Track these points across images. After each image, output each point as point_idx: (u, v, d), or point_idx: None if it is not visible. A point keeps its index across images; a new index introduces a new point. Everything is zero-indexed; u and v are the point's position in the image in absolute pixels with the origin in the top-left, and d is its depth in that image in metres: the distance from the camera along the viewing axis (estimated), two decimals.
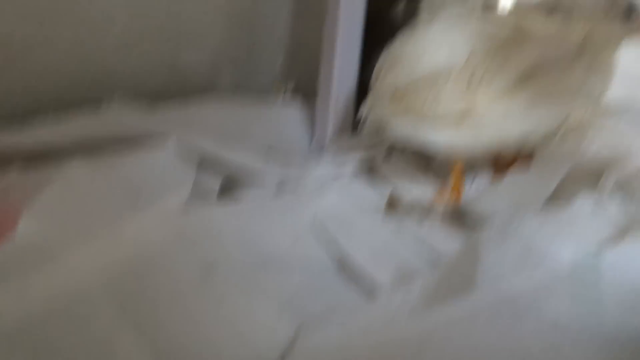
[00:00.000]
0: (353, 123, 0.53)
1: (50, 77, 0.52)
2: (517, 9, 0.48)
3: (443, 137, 0.43)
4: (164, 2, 0.55)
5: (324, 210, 0.44)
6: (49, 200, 0.35)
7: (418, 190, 0.49)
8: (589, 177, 0.50)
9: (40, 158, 0.44)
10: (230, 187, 0.45)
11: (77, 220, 0.35)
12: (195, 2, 0.57)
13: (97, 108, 0.50)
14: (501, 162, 0.52)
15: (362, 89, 0.52)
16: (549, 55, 0.45)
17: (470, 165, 0.51)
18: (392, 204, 0.48)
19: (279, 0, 0.60)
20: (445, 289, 0.36)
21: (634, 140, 0.47)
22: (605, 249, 0.39)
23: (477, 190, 0.50)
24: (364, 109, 0.47)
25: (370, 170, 0.52)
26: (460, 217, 0.47)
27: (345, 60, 0.51)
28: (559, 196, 0.49)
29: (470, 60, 0.44)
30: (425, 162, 0.53)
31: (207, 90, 0.58)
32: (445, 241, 0.43)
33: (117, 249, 0.34)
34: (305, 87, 0.57)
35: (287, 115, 0.54)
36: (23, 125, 0.47)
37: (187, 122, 0.48)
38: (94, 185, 0.37)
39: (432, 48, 0.45)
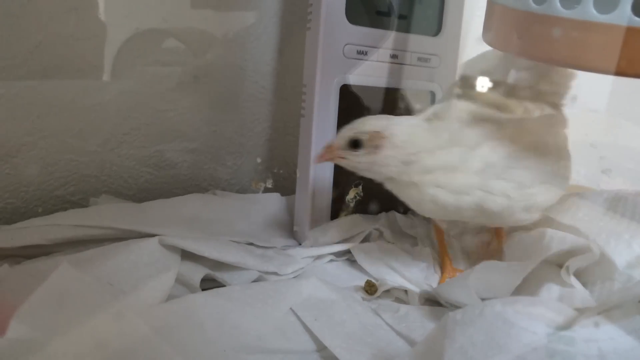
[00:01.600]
0: (330, 213, 0.56)
1: (39, 175, 0.54)
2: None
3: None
4: (151, 102, 0.59)
5: (302, 297, 0.45)
6: (40, 296, 0.37)
7: (396, 274, 0.51)
8: (552, 264, 0.51)
9: (29, 254, 0.45)
10: (213, 275, 0.46)
11: (65, 315, 0.37)
12: (180, 102, 0.60)
13: (85, 205, 0.53)
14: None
15: (337, 181, 0.55)
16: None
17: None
18: (370, 288, 0.49)
19: (260, 105, 0.64)
20: None
21: (595, 224, 0.49)
22: (578, 325, 0.40)
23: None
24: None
25: (348, 256, 0.54)
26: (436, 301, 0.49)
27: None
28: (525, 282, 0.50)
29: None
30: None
31: (190, 187, 0.61)
32: (421, 326, 0.45)
33: (101, 341, 0.36)
34: (283, 181, 0.61)
35: (267, 208, 0.56)
36: (11, 222, 0.49)
37: (171, 218, 0.51)
38: (81, 280, 0.39)
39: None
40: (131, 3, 0.55)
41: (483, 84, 0.50)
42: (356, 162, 0.45)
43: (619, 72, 0.35)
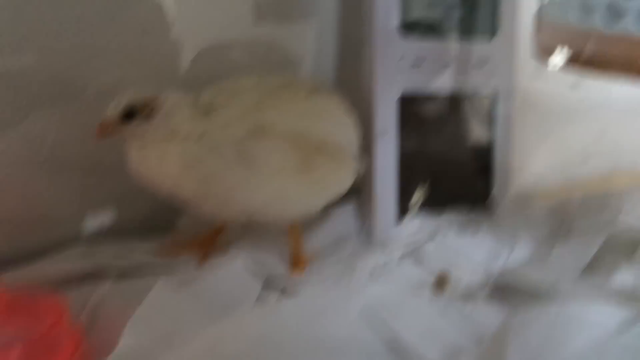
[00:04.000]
0: (396, 217, 0.59)
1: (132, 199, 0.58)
2: None
3: None
4: None
5: (375, 296, 0.49)
6: (144, 311, 0.43)
7: (465, 269, 0.54)
8: (624, 247, 0.53)
9: (127, 276, 0.52)
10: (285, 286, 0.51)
11: (167, 332, 0.42)
12: None
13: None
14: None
15: (402, 182, 0.59)
16: None
17: None
18: (440, 284, 0.52)
19: None
20: None
21: None
22: None
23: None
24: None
25: (417, 254, 0.57)
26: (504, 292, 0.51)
27: (385, 163, 0.57)
28: (595, 266, 0.52)
29: None
30: None
31: None
32: (488, 318, 0.47)
33: (210, 346, 0.41)
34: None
35: (341, 217, 0.60)
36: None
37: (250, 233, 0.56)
38: (177, 300, 0.45)
39: None
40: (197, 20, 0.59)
41: None
42: (131, 132, 0.45)
43: None
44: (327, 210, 0.61)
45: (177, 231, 0.57)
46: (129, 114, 0.45)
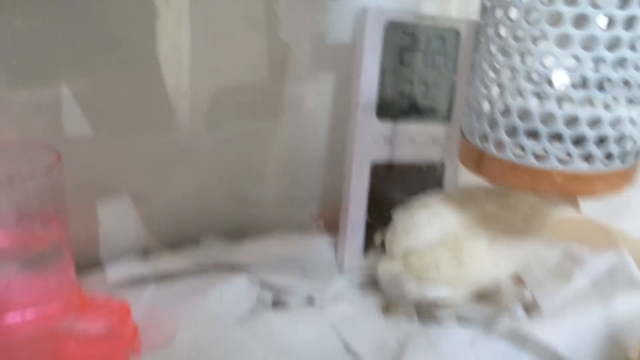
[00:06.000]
0: (364, 251, 0.79)
1: (163, 219, 0.79)
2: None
3: (442, 294, 0.64)
4: (233, 151, 0.81)
5: (337, 315, 0.69)
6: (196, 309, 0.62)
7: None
8: None
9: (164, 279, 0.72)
10: (277, 300, 0.71)
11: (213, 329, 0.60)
12: (259, 152, 0.85)
13: (197, 244, 0.80)
14: None
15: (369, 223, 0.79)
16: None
17: None
18: (388, 308, 0.73)
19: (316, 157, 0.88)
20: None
21: None
22: None
23: None
24: (380, 267, 0.68)
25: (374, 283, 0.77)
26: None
27: (356, 210, 0.77)
28: None
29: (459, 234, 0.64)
30: None
31: (268, 226, 0.86)
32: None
33: None
34: (330, 223, 0.85)
35: (319, 245, 0.81)
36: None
37: (255, 254, 0.76)
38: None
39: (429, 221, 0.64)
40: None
41: None
42: None
43: None
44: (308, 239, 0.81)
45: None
46: None
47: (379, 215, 0.79)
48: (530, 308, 0.69)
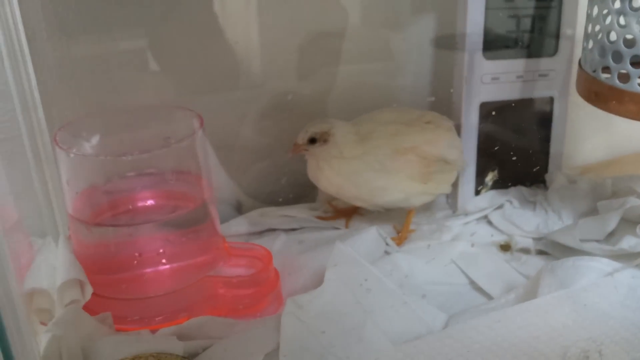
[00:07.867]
0: (474, 191, 0.81)
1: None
2: None
3: None
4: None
5: (458, 252, 0.72)
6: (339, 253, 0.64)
7: (523, 231, 0.76)
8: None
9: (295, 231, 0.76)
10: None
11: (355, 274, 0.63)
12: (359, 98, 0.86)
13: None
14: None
15: (479, 165, 0.81)
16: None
17: None
18: (505, 247, 0.75)
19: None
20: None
21: None
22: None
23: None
24: None
25: (488, 220, 0.80)
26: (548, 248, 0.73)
27: (467, 152, 0.79)
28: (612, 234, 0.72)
29: None
30: None
31: None
32: (535, 266, 0.69)
33: None
34: None
35: None
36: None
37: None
38: (350, 255, 0.66)
39: None
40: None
41: None
42: (313, 152, 0.68)
43: None
44: None
45: (325, 202, 0.82)
46: (312, 140, 0.69)
47: (489, 155, 0.81)
48: None
